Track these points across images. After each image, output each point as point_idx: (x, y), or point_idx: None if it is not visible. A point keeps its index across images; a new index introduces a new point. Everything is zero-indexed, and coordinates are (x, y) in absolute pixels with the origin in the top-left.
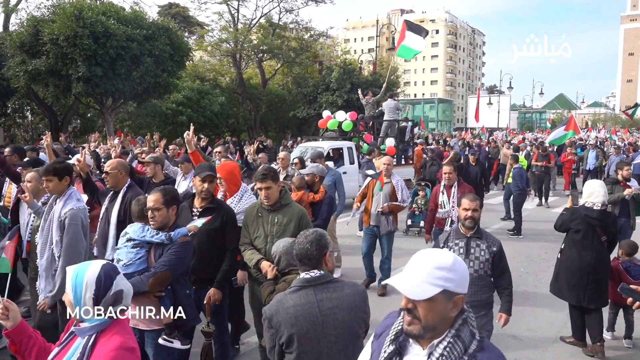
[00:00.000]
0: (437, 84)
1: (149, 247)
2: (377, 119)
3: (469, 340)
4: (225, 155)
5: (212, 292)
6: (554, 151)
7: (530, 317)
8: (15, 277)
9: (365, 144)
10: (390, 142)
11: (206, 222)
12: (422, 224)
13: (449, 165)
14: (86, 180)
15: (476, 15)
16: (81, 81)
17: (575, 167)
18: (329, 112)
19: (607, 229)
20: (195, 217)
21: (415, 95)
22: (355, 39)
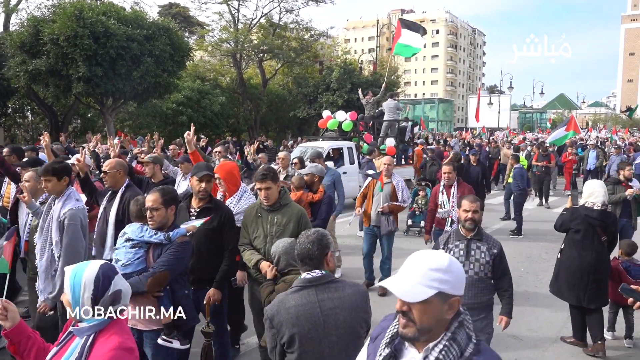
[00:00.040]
0: (437, 84)
1: (148, 247)
2: (377, 119)
3: (465, 343)
4: (225, 155)
5: (212, 292)
6: (555, 151)
7: (530, 317)
8: (13, 278)
9: (365, 144)
10: (390, 142)
11: (204, 222)
12: (422, 224)
13: (448, 165)
14: (85, 179)
15: (476, 15)
16: (81, 81)
17: (575, 167)
18: (329, 112)
19: (607, 229)
20: (193, 218)
21: (415, 95)
22: (355, 39)
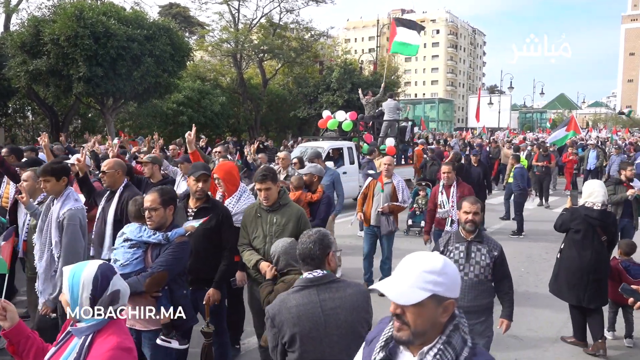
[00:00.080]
0: (437, 84)
1: (146, 248)
2: (377, 119)
3: (460, 346)
4: (224, 155)
5: (211, 293)
6: (555, 151)
7: (530, 317)
8: (12, 278)
9: (365, 144)
10: (390, 142)
11: (203, 222)
12: (422, 224)
13: (447, 164)
14: (83, 179)
15: (476, 15)
16: (82, 81)
17: (576, 167)
18: (329, 112)
19: (607, 229)
20: (190, 218)
21: (415, 95)
22: (355, 39)
